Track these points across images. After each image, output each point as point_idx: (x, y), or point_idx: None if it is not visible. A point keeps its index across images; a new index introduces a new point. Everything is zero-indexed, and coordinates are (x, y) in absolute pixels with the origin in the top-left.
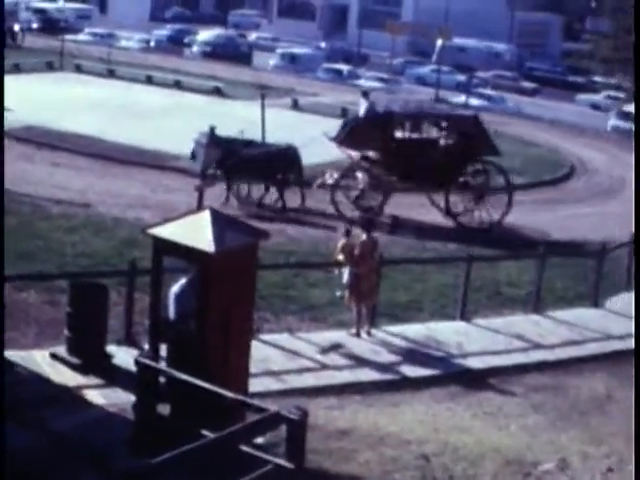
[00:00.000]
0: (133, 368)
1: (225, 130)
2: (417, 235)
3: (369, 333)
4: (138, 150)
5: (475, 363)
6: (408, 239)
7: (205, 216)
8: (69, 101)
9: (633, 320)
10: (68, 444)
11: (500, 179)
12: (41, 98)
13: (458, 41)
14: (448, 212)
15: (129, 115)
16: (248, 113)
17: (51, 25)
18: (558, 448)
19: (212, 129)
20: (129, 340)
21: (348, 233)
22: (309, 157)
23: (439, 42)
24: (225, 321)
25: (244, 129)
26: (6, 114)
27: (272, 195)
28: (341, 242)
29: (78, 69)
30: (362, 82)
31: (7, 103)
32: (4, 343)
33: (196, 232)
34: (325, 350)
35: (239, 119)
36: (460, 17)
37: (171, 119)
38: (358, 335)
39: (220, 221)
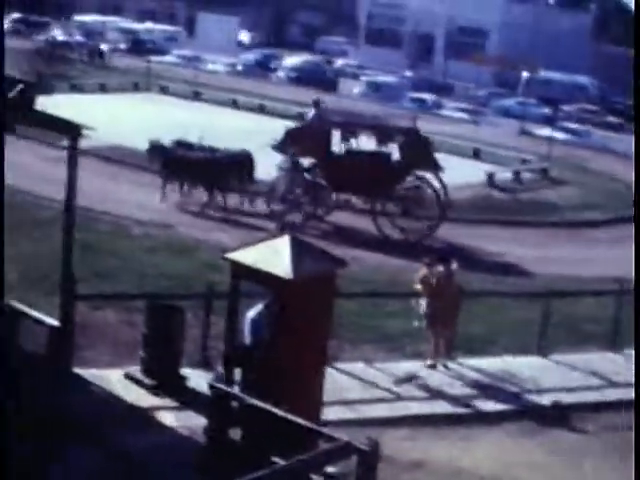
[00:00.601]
0: (207, 391)
1: None
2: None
3: (445, 365)
4: None
5: (550, 399)
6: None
7: (284, 242)
8: (154, 122)
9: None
10: (137, 465)
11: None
12: (126, 118)
13: (543, 74)
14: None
15: (213, 137)
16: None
17: (139, 46)
18: None
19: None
20: (204, 363)
21: (430, 264)
22: None
23: (525, 74)
24: (300, 348)
25: (203, 136)
26: (91, 133)
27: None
28: (421, 272)
29: (164, 90)
30: (447, 112)
31: (92, 122)
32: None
33: (274, 258)
34: (400, 381)
35: None
36: (546, 50)
37: (253, 143)
38: (434, 367)
39: (299, 248)
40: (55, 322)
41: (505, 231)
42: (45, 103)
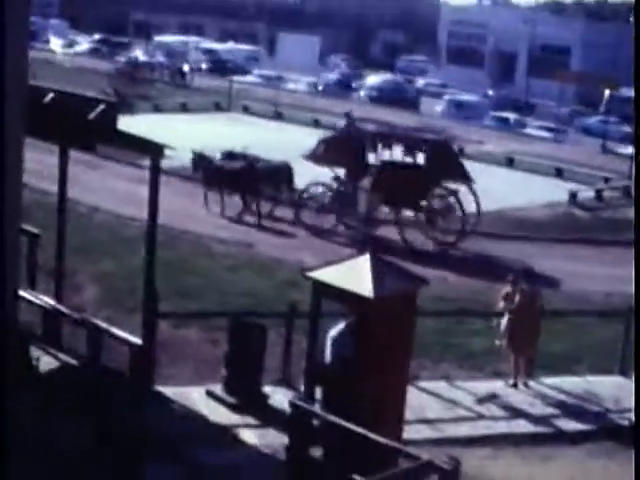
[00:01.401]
0: (288, 409)
1: None
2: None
3: (526, 384)
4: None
5: (633, 419)
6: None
7: (365, 261)
8: (235, 141)
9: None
10: None
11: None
12: (207, 138)
13: (626, 91)
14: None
15: (294, 157)
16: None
17: (220, 66)
18: None
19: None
20: (285, 381)
21: (515, 282)
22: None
23: (607, 92)
24: (381, 366)
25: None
26: (171, 153)
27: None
28: (505, 290)
29: (245, 110)
30: (529, 131)
31: (173, 142)
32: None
33: (356, 276)
34: (482, 400)
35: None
36: (627, 67)
37: None
38: (515, 386)
39: (380, 266)
40: (137, 340)
41: (587, 250)
42: (127, 123)
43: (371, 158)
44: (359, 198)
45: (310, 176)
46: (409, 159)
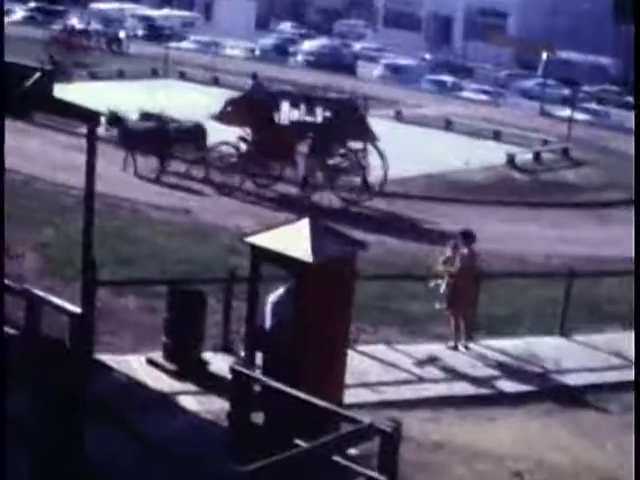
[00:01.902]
0: (229, 376)
1: None
2: None
3: (467, 347)
4: None
5: (573, 380)
6: None
7: (304, 225)
8: (172, 108)
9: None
10: (162, 450)
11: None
12: (144, 104)
13: (564, 54)
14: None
15: None
16: None
17: (156, 33)
18: None
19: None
20: (226, 347)
21: (455, 246)
22: (406, 168)
23: (544, 55)
24: (321, 331)
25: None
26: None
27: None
28: (445, 254)
29: (182, 76)
30: (467, 94)
31: (108, 108)
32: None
33: (295, 241)
34: (422, 363)
35: None
36: (566, 31)
37: None
38: (456, 348)
39: (319, 231)
40: (77, 309)
41: (525, 212)
42: (63, 91)
43: (283, 118)
44: (266, 157)
45: (225, 136)
46: (316, 119)
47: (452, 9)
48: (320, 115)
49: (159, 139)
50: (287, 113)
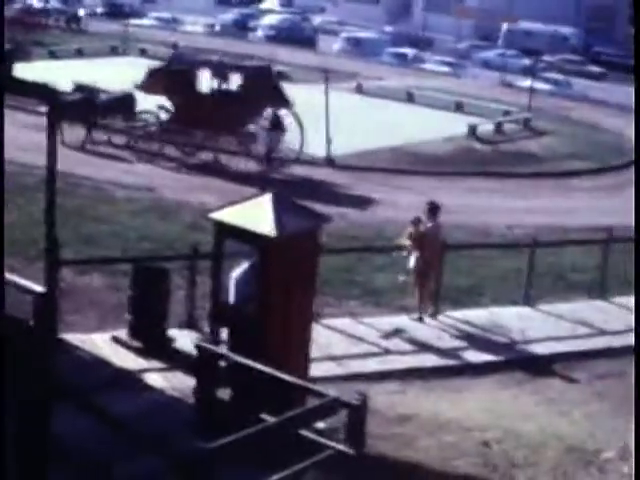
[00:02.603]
0: (194, 352)
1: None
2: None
3: (432, 317)
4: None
5: (538, 349)
6: None
7: (267, 200)
8: (132, 84)
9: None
10: (129, 428)
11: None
12: (104, 82)
13: (524, 25)
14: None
15: None
16: (312, 97)
17: (116, 10)
18: (620, 436)
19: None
20: (191, 324)
21: (418, 221)
22: (369, 141)
23: (505, 26)
24: (286, 305)
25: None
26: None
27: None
28: (409, 229)
29: (142, 53)
30: (428, 66)
31: (67, 86)
32: None
33: (258, 216)
34: (387, 335)
35: (302, 103)
36: (526, 1)
37: None
38: (421, 320)
39: (282, 205)
40: (40, 288)
41: (487, 183)
42: (23, 70)
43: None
44: (187, 124)
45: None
46: (232, 87)
47: None
48: (236, 83)
49: (86, 109)
50: (210, 82)
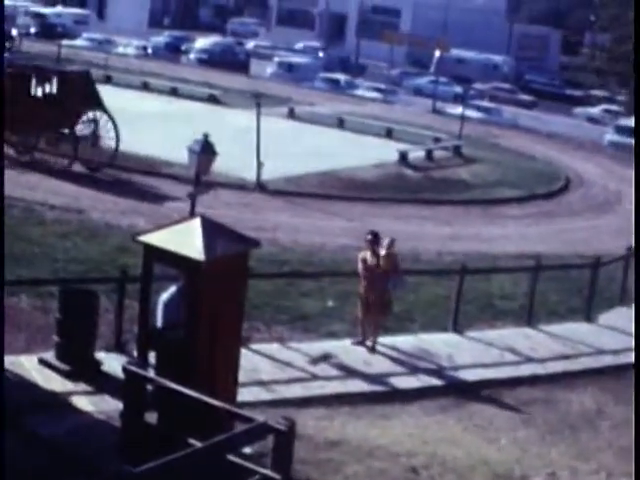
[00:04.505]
0: (122, 375)
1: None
2: None
3: (373, 348)
4: (132, 156)
5: (466, 375)
6: None
7: (196, 224)
8: None
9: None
10: (55, 450)
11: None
12: None
13: (456, 52)
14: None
15: (124, 121)
16: (244, 121)
17: (49, 30)
18: (547, 462)
19: (205, 136)
20: (118, 347)
21: (373, 244)
22: (300, 166)
23: (437, 53)
24: (214, 330)
25: None
26: None
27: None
28: (362, 254)
29: None
30: (360, 92)
31: None
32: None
33: (186, 239)
34: (315, 360)
35: (234, 127)
36: (459, 29)
37: (166, 126)
38: (363, 344)
39: (211, 229)
40: None
41: (417, 209)
42: None
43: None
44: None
45: None
46: (50, 90)
47: (345, 7)
48: (57, 87)
49: None
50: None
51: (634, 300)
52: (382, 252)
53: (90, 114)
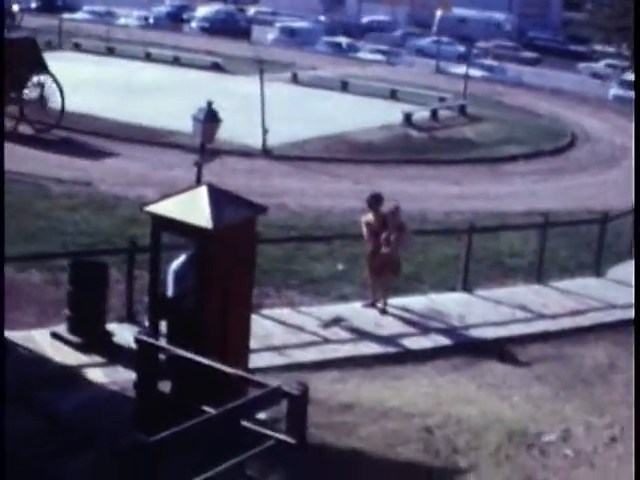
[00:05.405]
0: (134, 346)
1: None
2: None
3: (384, 310)
4: (137, 127)
5: (478, 334)
6: None
7: (203, 191)
8: (67, 80)
9: (634, 289)
10: (69, 424)
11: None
12: None
13: (458, 12)
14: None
15: (128, 92)
16: (247, 88)
17: (49, 4)
18: (561, 418)
19: (209, 104)
20: (130, 318)
21: (375, 208)
22: (305, 130)
23: (439, 13)
24: (224, 297)
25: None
26: None
27: None
28: (365, 217)
29: (77, 47)
30: (362, 55)
31: None
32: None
33: (194, 208)
34: (327, 324)
35: (238, 94)
36: None
37: (170, 95)
38: (374, 305)
39: (218, 196)
40: None
41: (424, 169)
42: None
43: None
44: None
45: None
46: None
47: None
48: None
49: None
50: None
51: (634, 258)
52: (386, 215)
53: (36, 78)
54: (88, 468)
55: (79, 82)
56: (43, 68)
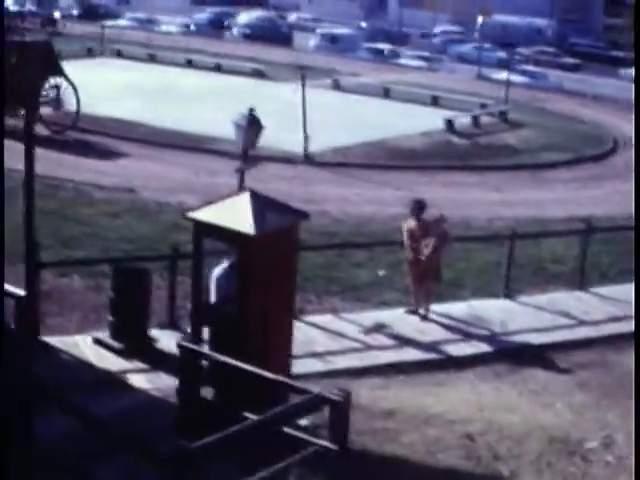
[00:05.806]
0: (176, 352)
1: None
2: None
3: (425, 317)
4: (179, 134)
5: (520, 340)
6: None
7: (245, 198)
8: (109, 86)
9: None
10: (109, 429)
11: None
12: (81, 84)
13: (499, 18)
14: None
15: (170, 99)
16: (289, 94)
17: (91, 11)
18: (603, 426)
19: (251, 110)
20: (172, 324)
21: (417, 215)
22: (346, 137)
23: (480, 19)
24: (266, 303)
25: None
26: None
27: None
28: (406, 224)
29: (118, 54)
30: (404, 61)
31: None
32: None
33: (236, 214)
34: (368, 330)
35: (280, 101)
36: None
37: (211, 102)
38: (416, 312)
39: (260, 203)
40: (20, 291)
41: (465, 176)
42: None
43: None
44: None
45: None
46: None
47: None
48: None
49: None
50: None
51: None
52: (429, 222)
53: (52, 80)
54: (129, 473)
55: (121, 88)
56: (59, 71)
